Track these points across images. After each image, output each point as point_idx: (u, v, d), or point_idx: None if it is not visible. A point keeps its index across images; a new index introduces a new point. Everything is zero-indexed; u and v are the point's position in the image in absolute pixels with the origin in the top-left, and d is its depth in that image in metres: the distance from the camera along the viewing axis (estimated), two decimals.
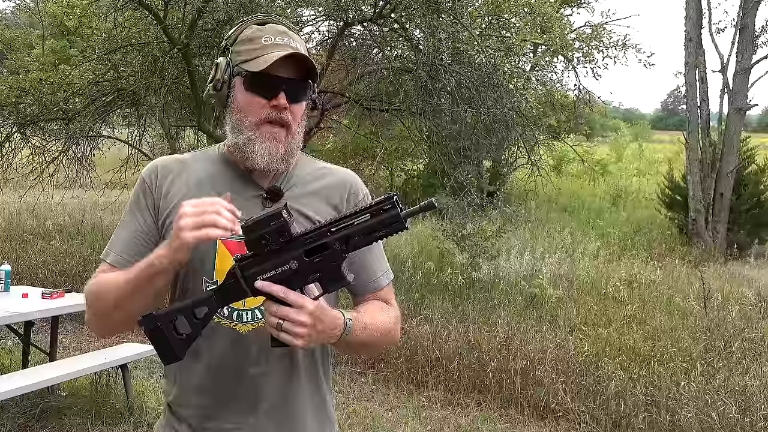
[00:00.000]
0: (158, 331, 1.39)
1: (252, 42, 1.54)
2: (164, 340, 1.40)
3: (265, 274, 1.35)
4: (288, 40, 1.54)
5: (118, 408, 4.77)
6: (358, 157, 14.17)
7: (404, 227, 1.30)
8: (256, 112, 1.52)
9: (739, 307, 7.37)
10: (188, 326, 1.40)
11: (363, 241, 1.33)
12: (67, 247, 8.91)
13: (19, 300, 4.66)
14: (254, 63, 1.51)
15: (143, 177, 1.62)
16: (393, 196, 1.30)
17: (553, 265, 9.20)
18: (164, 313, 1.40)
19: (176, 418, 1.60)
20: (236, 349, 1.53)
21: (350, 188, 1.68)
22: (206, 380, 1.54)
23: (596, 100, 11.69)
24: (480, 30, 7.43)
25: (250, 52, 1.53)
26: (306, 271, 1.35)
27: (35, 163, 8.61)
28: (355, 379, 5.83)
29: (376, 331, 1.57)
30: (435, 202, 1.31)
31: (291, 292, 1.34)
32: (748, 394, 4.93)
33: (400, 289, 7.67)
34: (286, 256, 1.34)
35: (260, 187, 1.59)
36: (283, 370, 1.56)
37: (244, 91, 1.54)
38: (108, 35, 7.34)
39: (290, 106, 1.53)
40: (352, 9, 7.54)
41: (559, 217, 15.62)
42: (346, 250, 1.34)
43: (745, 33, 13.88)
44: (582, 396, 5.21)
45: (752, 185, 14.24)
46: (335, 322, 1.43)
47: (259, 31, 1.55)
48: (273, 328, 1.35)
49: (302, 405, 1.60)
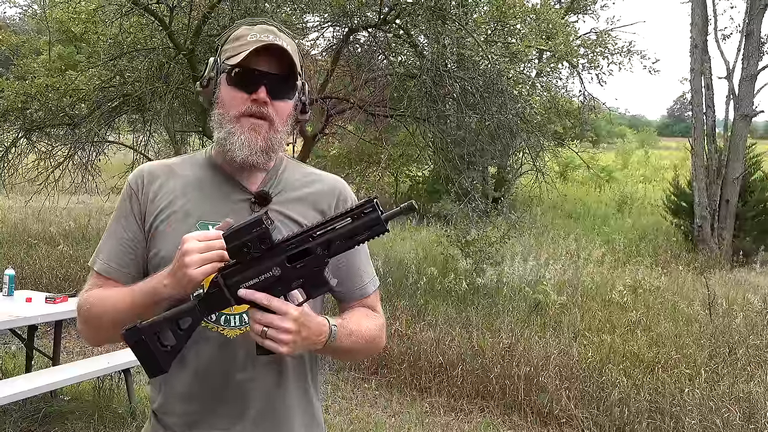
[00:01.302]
0: (142, 343, 1.39)
1: (238, 40, 1.55)
2: (149, 353, 1.39)
3: (248, 282, 1.35)
4: (273, 38, 1.53)
5: (121, 412, 4.77)
6: (363, 163, 14.18)
7: (385, 230, 1.31)
8: (237, 105, 1.52)
9: (744, 314, 7.34)
10: (173, 338, 1.39)
11: (345, 245, 1.33)
12: (71, 252, 8.93)
13: (22, 304, 4.67)
14: (235, 58, 1.51)
15: (129, 183, 1.62)
16: (372, 199, 1.30)
17: (557, 271, 9.18)
18: (148, 325, 1.39)
19: (161, 426, 1.58)
20: (223, 354, 1.52)
21: (339, 195, 1.67)
22: (192, 386, 1.53)
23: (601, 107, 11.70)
24: (485, 36, 7.45)
25: (235, 48, 1.54)
26: (289, 278, 1.35)
27: (41, 168, 8.64)
28: (358, 385, 5.82)
29: (362, 338, 1.57)
30: (415, 204, 1.31)
31: (274, 299, 1.34)
32: (752, 401, 4.91)
33: (404, 294, 7.67)
34: (268, 263, 1.34)
35: (248, 192, 1.58)
36: (271, 375, 1.55)
37: (227, 86, 1.54)
38: (114, 41, 7.38)
39: (273, 102, 1.53)
40: (357, 15, 7.57)
41: (564, 223, 15.60)
42: (328, 254, 1.34)
43: (751, 39, 13.85)
44: (585, 402, 5.19)
45: (758, 192, 14.18)
46: (320, 328, 1.42)
47: (247, 30, 1.56)
48: (258, 335, 1.35)
49: (290, 411, 1.59)
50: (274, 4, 7.39)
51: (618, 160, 29.81)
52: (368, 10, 7.56)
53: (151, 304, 1.40)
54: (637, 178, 25.88)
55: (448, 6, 6.85)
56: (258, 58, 1.50)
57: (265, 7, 7.11)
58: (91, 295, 1.54)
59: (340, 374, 5.95)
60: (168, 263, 1.43)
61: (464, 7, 7.08)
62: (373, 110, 8.51)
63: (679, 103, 71.55)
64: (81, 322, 1.56)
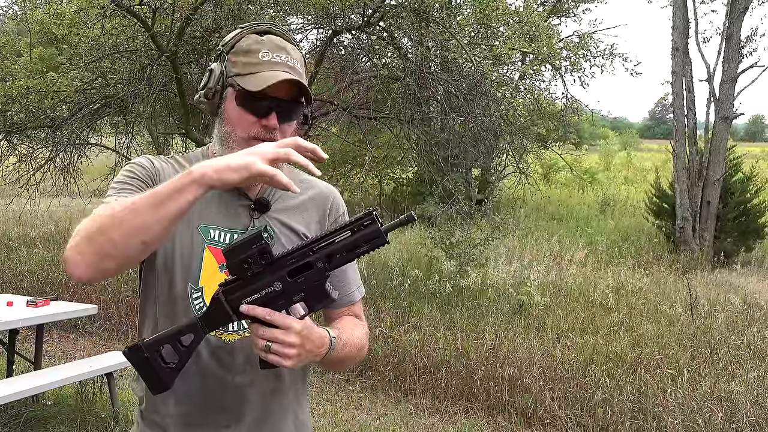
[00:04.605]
0: (145, 361, 1.38)
1: (248, 55, 1.52)
2: (152, 371, 1.39)
3: (249, 297, 1.35)
4: (286, 58, 1.52)
5: (104, 417, 4.74)
6: (347, 165, 14.17)
7: (385, 242, 1.31)
8: (245, 128, 1.51)
9: (725, 315, 7.42)
10: (175, 354, 1.39)
11: (345, 258, 1.34)
12: (51, 255, 8.85)
13: (3, 308, 4.63)
14: (249, 80, 1.49)
15: (139, 161, 1.57)
16: (372, 211, 1.30)
17: (540, 273, 9.22)
18: (150, 343, 1.39)
19: (151, 427, 1.58)
20: (221, 358, 1.53)
21: (332, 202, 1.70)
22: (189, 388, 1.53)
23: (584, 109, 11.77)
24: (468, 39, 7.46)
25: (246, 66, 1.51)
26: (291, 292, 1.35)
27: (22, 171, 8.55)
28: (343, 387, 5.81)
29: (354, 348, 1.59)
30: (414, 215, 1.31)
31: (276, 314, 1.34)
32: (734, 401, 4.96)
33: (388, 296, 7.67)
34: (269, 278, 1.34)
35: (248, 198, 1.59)
36: (269, 380, 1.56)
37: (235, 105, 1.52)
38: (96, 42, 7.31)
39: (280, 126, 1.52)
40: (340, 17, 7.55)
41: (547, 225, 15.67)
42: (328, 267, 1.34)
43: (731, 42, 14.00)
44: (569, 403, 5.22)
45: (738, 193, 14.32)
46: (322, 340, 1.43)
47: (257, 44, 1.52)
48: (261, 350, 1.34)
49: (285, 413, 1.61)
50: (258, 6, 7.37)
51: (601, 162, 30.02)
52: (352, 12, 7.56)
53: (177, 187, 1.26)
54: (619, 179, 26.07)
55: (432, 8, 6.87)
56: (273, 86, 1.48)
57: (249, 9, 7.09)
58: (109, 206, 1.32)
59: (324, 377, 5.95)
60: (166, 264, 1.42)
61: (448, 10, 7.10)
62: (357, 112, 8.51)
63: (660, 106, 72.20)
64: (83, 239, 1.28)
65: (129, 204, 1.27)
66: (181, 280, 1.53)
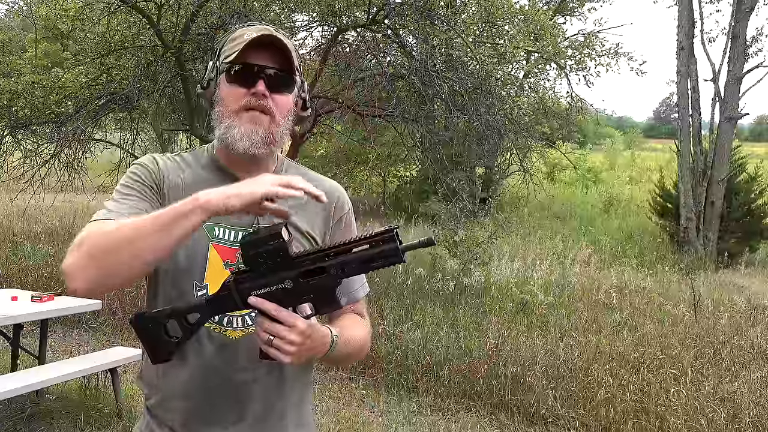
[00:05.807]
0: (150, 330, 1.42)
1: (235, 40, 1.55)
2: (155, 340, 1.42)
3: (259, 290, 1.36)
4: (270, 30, 1.54)
5: (107, 412, 4.74)
6: (351, 163, 14.18)
7: (401, 260, 1.31)
8: (236, 100, 1.53)
9: (729, 315, 7.40)
10: (179, 330, 1.42)
11: (358, 269, 1.35)
12: (57, 250, 8.87)
13: (8, 303, 4.64)
14: (233, 55, 1.52)
15: (144, 162, 1.59)
16: (394, 229, 1.31)
17: (544, 272, 9.21)
18: (156, 314, 1.42)
19: (157, 423, 1.59)
20: (225, 355, 1.53)
21: (338, 200, 1.70)
22: (193, 384, 1.53)
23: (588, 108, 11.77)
24: (473, 37, 7.46)
25: (232, 47, 1.54)
26: (300, 292, 1.36)
27: (26, 167, 8.58)
28: (346, 384, 5.82)
29: (355, 346, 1.59)
30: (433, 239, 1.33)
31: (283, 311, 1.35)
32: (737, 401, 4.95)
33: (392, 294, 7.67)
34: (282, 275, 1.35)
35: None
36: (273, 377, 1.57)
37: (226, 84, 1.54)
38: (101, 38, 7.33)
39: (272, 96, 1.53)
40: (345, 15, 7.56)
41: (551, 224, 15.67)
42: (341, 275, 1.35)
43: (736, 42, 13.97)
44: (572, 402, 5.21)
45: (743, 194, 14.31)
46: (324, 339, 1.44)
47: (242, 29, 1.57)
48: (263, 343, 1.36)
49: (287, 411, 1.61)
50: (263, 3, 7.38)
51: (605, 162, 29.98)
52: (357, 9, 7.56)
53: (184, 213, 1.29)
54: (623, 179, 26.03)
55: (437, 6, 6.86)
56: (255, 54, 1.50)
57: (254, 5, 7.10)
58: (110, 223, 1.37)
59: (327, 374, 5.95)
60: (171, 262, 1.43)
61: (453, 8, 7.09)
62: (361, 110, 8.52)
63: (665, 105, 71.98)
64: (85, 255, 1.32)
65: (132, 225, 1.32)
66: (186, 278, 1.53)
